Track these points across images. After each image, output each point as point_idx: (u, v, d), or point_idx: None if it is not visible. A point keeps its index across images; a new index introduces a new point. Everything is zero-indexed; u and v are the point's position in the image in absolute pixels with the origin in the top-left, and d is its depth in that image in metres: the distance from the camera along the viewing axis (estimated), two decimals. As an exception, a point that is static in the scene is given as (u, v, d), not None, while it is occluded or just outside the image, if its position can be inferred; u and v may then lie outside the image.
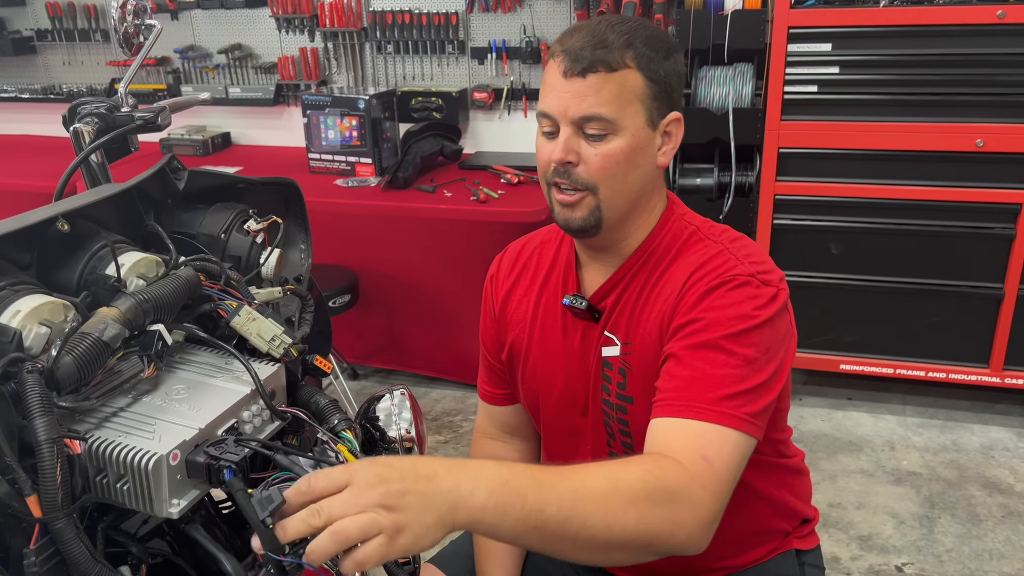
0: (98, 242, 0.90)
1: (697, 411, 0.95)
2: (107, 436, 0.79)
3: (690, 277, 1.05)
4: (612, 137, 1.02)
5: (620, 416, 1.13)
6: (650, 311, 1.09)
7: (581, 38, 1.02)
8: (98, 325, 0.81)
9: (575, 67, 1.00)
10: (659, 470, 0.87)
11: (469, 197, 2.83)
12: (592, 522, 0.81)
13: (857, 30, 2.48)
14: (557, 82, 1.03)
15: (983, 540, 2.30)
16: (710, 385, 0.96)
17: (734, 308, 1.00)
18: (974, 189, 2.54)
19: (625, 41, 1.01)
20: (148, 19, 1.41)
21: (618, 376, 1.12)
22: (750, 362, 0.98)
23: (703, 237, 1.10)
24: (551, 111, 1.04)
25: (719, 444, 0.93)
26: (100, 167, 1.27)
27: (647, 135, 1.05)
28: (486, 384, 1.33)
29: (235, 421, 0.86)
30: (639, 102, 1.02)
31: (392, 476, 0.72)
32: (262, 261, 1.04)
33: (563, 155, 1.03)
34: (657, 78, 1.03)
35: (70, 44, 3.77)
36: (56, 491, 0.71)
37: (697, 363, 0.98)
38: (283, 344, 0.94)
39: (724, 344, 0.98)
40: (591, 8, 3.04)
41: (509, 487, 0.78)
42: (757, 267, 1.04)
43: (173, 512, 0.79)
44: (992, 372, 2.70)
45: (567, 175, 1.04)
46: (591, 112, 1.01)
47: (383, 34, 3.34)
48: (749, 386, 0.97)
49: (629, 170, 1.04)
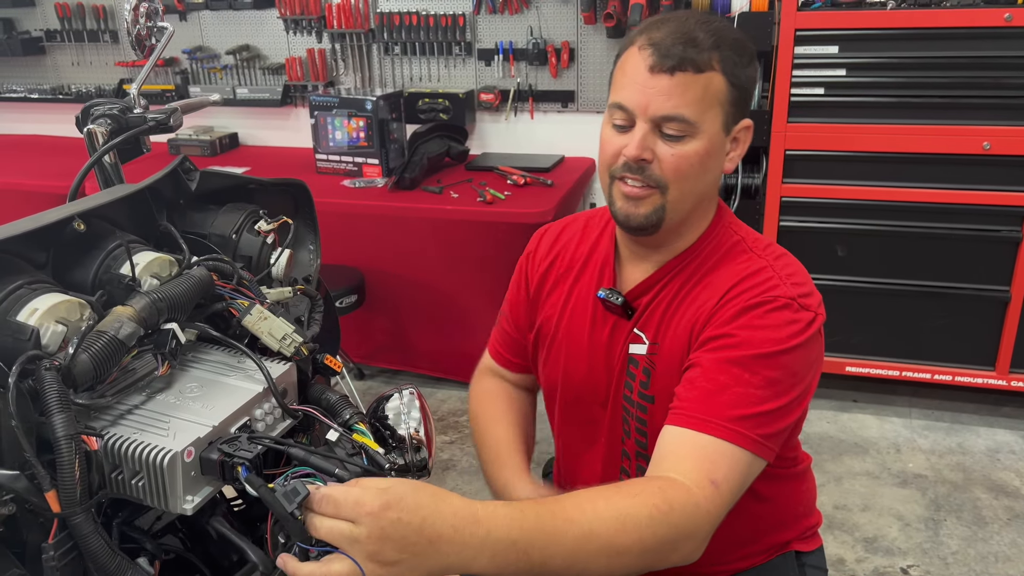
0: (113, 242, 0.91)
1: (713, 427, 0.94)
2: (122, 433, 0.81)
3: (730, 290, 1.04)
4: (689, 139, 1.00)
5: (639, 415, 1.12)
6: (683, 315, 1.08)
7: (670, 33, 0.99)
8: (113, 323, 0.82)
9: (664, 63, 0.98)
10: (666, 504, 0.86)
11: (475, 198, 2.83)
12: (596, 564, 0.83)
13: (864, 32, 2.48)
14: (641, 76, 0.99)
15: (989, 543, 2.30)
16: (729, 402, 0.96)
17: (770, 331, 0.99)
18: (980, 192, 2.54)
19: (714, 42, 0.99)
20: (160, 21, 1.43)
21: (642, 375, 1.11)
22: (773, 384, 0.97)
23: (747, 249, 1.09)
24: (630, 105, 1.01)
25: (728, 466, 0.93)
26: (113, 167, 1.28)
27: (721, 140, 1.04)
28: (501, 349, 1.33)
29: (248, 419, 0.87)
30: (719, 106, 1.01)
31: (395, 535, 0.71)
32: (272, 261, 1.05)
33: (639, 152, 1.00)
34: (739, 83, 1.02)
35: (79, 45, 3.78)
36: (75, 486, 0.72)
37: (721, 377, 0.97)
38: (294, 343, 0.95)
39: (751, 363, 0.97)
40: (598, 10, 3.05)
41: (516, 548, 0.78)
42: (798, 289, 1.03)
43: (187, 508, 0.80)
44: (998, 375, 2.70)
45: (639, 171, 1.02)
46: (674, 112, 0.99)
47: (390, 35, 3.35)
48: (768, 408, 0.96)
49: (701, 174, 1.03)
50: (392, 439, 1.00)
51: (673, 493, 0.88)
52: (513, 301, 1.30)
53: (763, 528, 1.21)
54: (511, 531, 0.77)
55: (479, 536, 0.76)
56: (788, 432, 1.02)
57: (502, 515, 0.78)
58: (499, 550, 0.76)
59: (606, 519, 0.83)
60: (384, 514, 0.71)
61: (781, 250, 1.11)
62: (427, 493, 0.75)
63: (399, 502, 0.72)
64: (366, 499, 0.72)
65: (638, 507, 0.85)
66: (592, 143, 3.84)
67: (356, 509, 0.71)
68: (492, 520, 0.77)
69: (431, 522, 0.73)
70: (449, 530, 0.74)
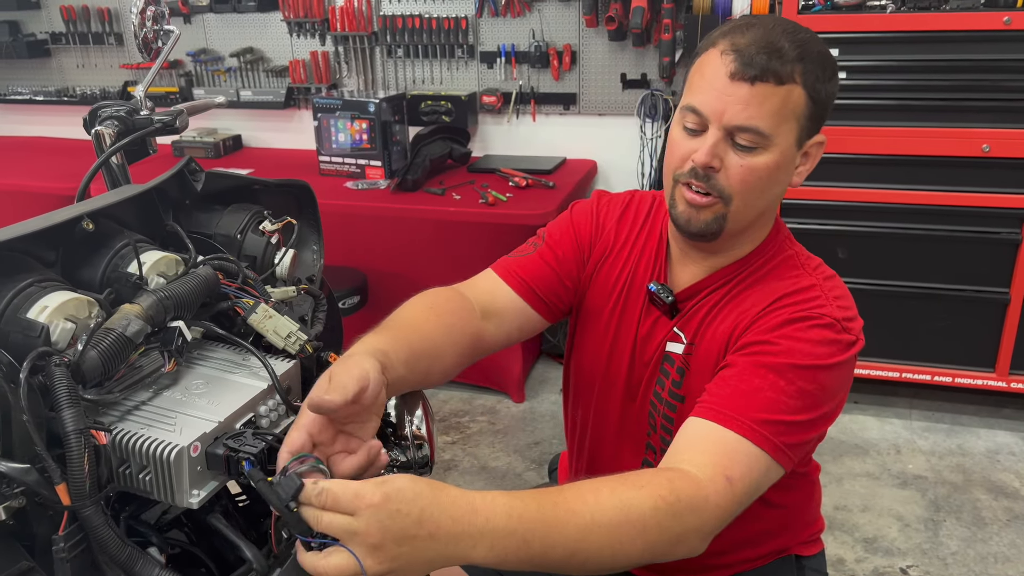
0: (121, 241, 0.93)
1: (738, 424, 0.93)
2: (130, 428, 0.82)
3: (777, 301, 1.03)
4: (761, 152, 0.98)
5: (667, 413, 1.12)
6: (724, 319, 1.07)
7: (755, 40, 0.96)
8: (121, 321, 0.83)
9: (746, 72, 0.95)
10: (673, 496, 0.85)
11: (477, 200, 2.85)
12: (598, 556, 0.82)
13: (864, 36, 2.50)
14: (720, 81, 0.97)
15: (988, 544, 2.30)
16: (760, 405, 0.95)
17: (810, 345, 0.98)
18: (980, 194, 2.55)
19: (798, 54, 0.96)
20: (166, 24, 1.44)
21: (676, 374, 1.11)
22: (805, 396, 0.96)
23: (799, 265, 1.08)
24: (705, 110, 0.98)
25: (747, 465, 0.92)
26: (120, 168, 1.30)
27: (792, 154, 1.01)
28: (521, 273, 1.17)
29: (252, 415, 0.88)
30: (795, 120, 0.98)
31: (394, 528, 0.72)
32: (277, 261, 1.06)
33: (708, 159, 0.98)
34: (818, 98, 0.99)
35: (84, 47, 3.81)
36: (84, 479, 0.74)
37: (755, 380, 0.96)
38: (298, 341, 0.97)
39: (787, 372, 0.97)
40: (600, 13, 3.07)
41: (515, 537, 0.77)
42: (844, 312, 1.02)
43: (193, 502, 0.81)
44: (998, 376, 2.71)
45: (706, 179, 1.00)
46: (749, 123, 0.96)
47: (393, 38, 3.37)
48: (796, 419, 0.96)
49: (767, 187, 1.01)
50: (394, 436, 1.02)
51: (682, 485, 0.86)
52: (560, 240, 1.20)
53: (768, 533, 1.21)
54: (510, 520, 0.77)
55: (477, 526, 0.75)
56: (810, 447, 1.02)
57: (501, 504, 0.78)
58: (498, 539, 0.76)
59: (608, 509, 0.82)
60: (383, 506, 0.71)
61: (830, 271, 1.10)
62: (425, 484, 0.75)
63: (397, 494, 0.72)
64: (365, 492, 0.72)
65: (643, 498, 0.84)
66: (594, 145, 3.85)
67: (355, 502, 0.71)
68: (490, 509, 0.77)
69: (429, 513, 0.73)
70: (448, 521, 0.74)
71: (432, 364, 1.02)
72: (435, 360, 1.03)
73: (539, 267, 1.18)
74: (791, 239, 1.13)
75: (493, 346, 1.15)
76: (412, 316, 1.06)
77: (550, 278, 1.18)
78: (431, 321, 1.05)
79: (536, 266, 1.18)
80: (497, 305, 1.15)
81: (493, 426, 2.93)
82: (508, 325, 1.16)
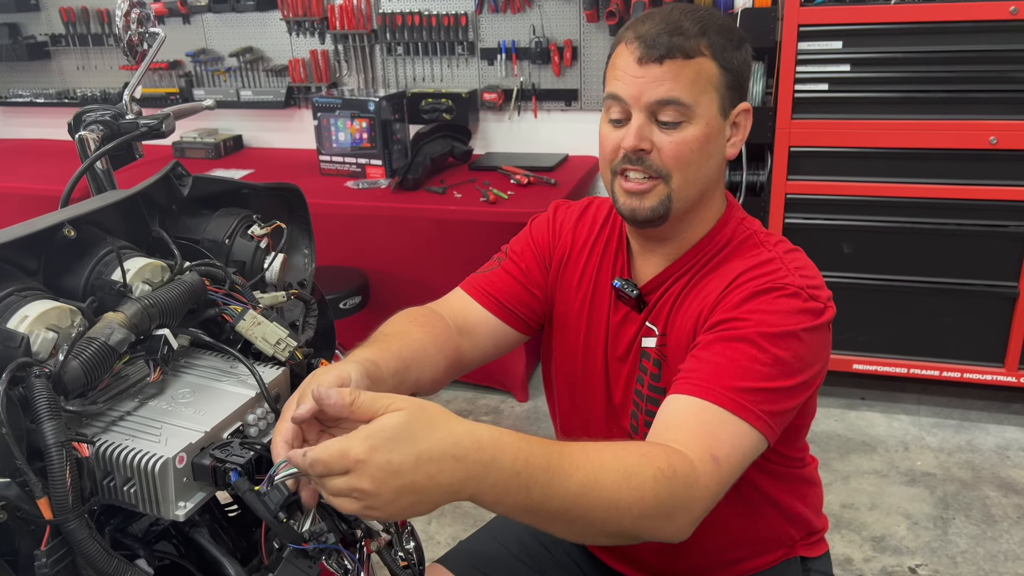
0: (104, 248, 0.91)
1: (716, 395, 0.93)
2: (114, 439, 0.80)
3: (738, 277, 1.03)
4: (686, 125, 1.00)
5: (650, 408, 1.11)
6: (690, 304, 1.07)
7: (655, 25, 1.00)
8: (104, 330, 0.81)
9: (651, 53, 0.99)
10: (670, 469, 0.84)
11: (479, 198, 2.83)
12: (591, 515, 0.80)
13: (868, 27, 2.47)
14: (631, 68, 1.00)
15: (998, 541, 2.27)
16: (735, 374, 0.94)
17: (779, 315, 0.98)
18: (987, 187, 2.51)
19: (700, 29, 1.00)
20: (152, 27, 1.42)
21: (653, 367, 1.11)
22: (780, 363, 0.96)
23: (758, 243, 1.09)
24: (624, 95, 1.01)
25: (731, 442, 0.91)
26: (105, 174, 1.28)
27: (719, 124, 1.04)
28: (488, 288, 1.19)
29: (240, 424, 0.87)
30: (714, 90, 1.01)
31: (389, 478, 0.69)
32: (266, 266, 1.04)
33: (636, 142, 1.00)
34: (731, 67, 1.02)
35: (84, 49, 3.80)
36: (66, 493, 0.72)
37: (728, 352, 0.96)
38: (288, 347, 0.95)
39: (759, 341, 0.96)
40: (600, 8, 3.04)
41: (519, 479, 0.75)
42: (808, 281, 1.02)
43: (180, 514, 0.79)
44: (1007, 372, 2.67)
45: (639, 162, 1.02)
46: (668, 96, 0.99)
47: (393, 36, 3.35)
48: (774, 386, 0.95)
49: (702, 159, 1.03)
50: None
51: (677, 460, 0.86)
52: (522, 253, 1.23)
53: (771, 525, 1.20)
54: (516, 461, 0.75)
55: (483, 462, 0.73)
56: (790, 417, 1.00)
57: (508, 443, 0.76)
58: (502, 478, 0.74)
59: (611, 471, 0.80)
60: (373, 457, 0.69)
61: (791, 246, 1.10)
62: (422, 424, 0.72)
63: (387, 443, 0.70)
64: (350, 447, 0.69)
65: (644, 466, 0.83)
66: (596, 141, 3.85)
67: (343, 461, 0.69)
68: (497, 447, 0.75)
69: (428, 455, 0.71)
70: (450, 460, 0.72)
71: (423, 372, 1.02)
72: (425, 368, 1.03)
73: (505, 281, 1.20)
74: (749, 219, 1.13)
75: (471, 363, 1.16)
76: (397, 328, 1.07)
77: (517, 290, 1.20)
78: (415, 331, 1.06)
79: (502, 280, 1.20)
80: (470, 322, 1.17)
81: (497, 425, 2.91)
82: (483, 342, 1.17)
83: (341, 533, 0.85)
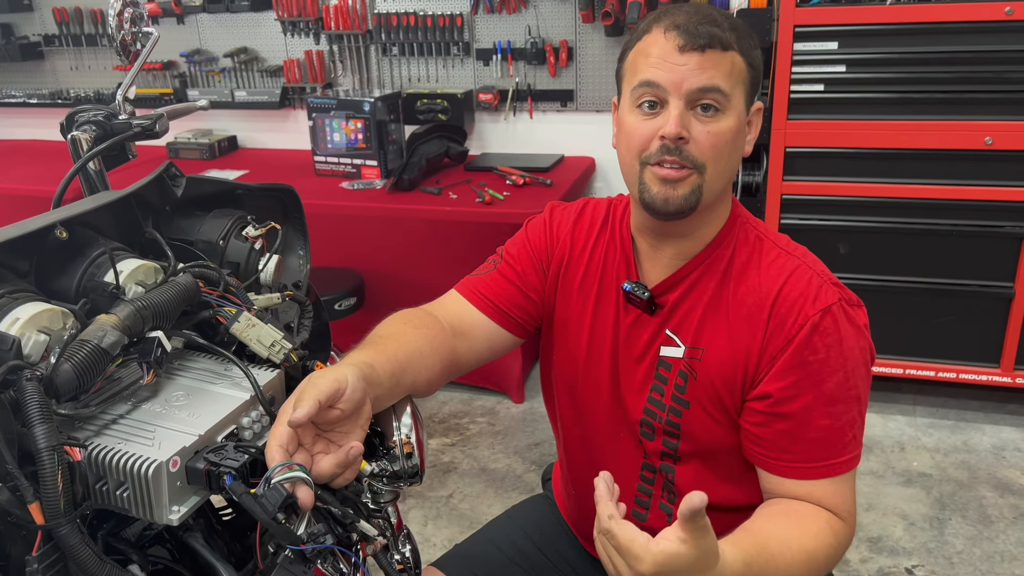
0: (96, 249, 0.90)
1: (835, 468, 1.02)
2: (107, 443, 0.79)
3: (778, 297, 1.03)
4: (722, 115, 1.00)
5: (672, 418, 1.11)
6: (722, 322, 1.06)
7: (692, 15, 1.00)
8: (97, 332, 0.81)
9: (694, 41, 0.98)
10: (836, 541, 0.99)
11: (474, 199, 2.82)
12: None
13: (864, 28, 2.47)
14: (671, 56, 0.99)
15: (994, 542, 2.28)
16: (838, 439, 1.02)
17: (841, 356, 1.02)
18: (983, 187, 2.52)
19: (731, 24, 1.01)
20: (145, 27, 1.41)
21: (678, 379, 1.09)
22: (859, 400, 1.04)
23: (773, 246, 1.09)
24: (663, 82, 0.99)
25: (852, 491, 1.04)
26: (98, 175, 1.27)
27: (744, 120, 1.05)
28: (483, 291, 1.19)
29: (235, 427, 0.86)
30: (742, 85, 1.02)
31: None
32: (261, 267, 1.04)
33: (678, 129, 0.98)
34: (754, 64, 1.04)
35: (77, 49, 3.79)
36: (58, 498, 0.71)
37: (817, 421, 1.01)
38: (283, 349, 0.94)
39: (836, 392, 1.01)
40: (596, 8, 3.03)
41: None
42: (837, 288, 1.06)
43: (173, 519, 0.79)
44: (1003, 372, 2.68)
45: (677, 152, 1.00)
46: (711, 83, 0.98)
47: (388, 36, 3.35)
48: (862, 420, 1.05)
49: (732, 152, 1.03)
50: (382, 446, 0.99)
51: (839, 528, 1.00)
52: (518, 256, 1.22)
53: None
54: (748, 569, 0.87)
55: None
56: None
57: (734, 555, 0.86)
58: None
59: (799, 564, 0.94)
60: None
61: (797, 244, 1.12)
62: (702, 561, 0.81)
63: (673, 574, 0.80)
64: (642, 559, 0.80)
65: (822, 548, 0.97)
66: (592, 142, 3.80)
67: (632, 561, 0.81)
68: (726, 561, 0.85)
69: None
70: None
71: (418, 374, 1.02)
72: (421, 370, 1.03)
73: (500, 284, 1.19)
74: (751, 217, 1.14)
75: (466, 366, 1.16)
76: (393, 330, 1.07)
77: (512, 293, 1.19)
78: (411, 333, 1.06)
79: (497, 283, 1.19)
80: (464, 325, 1.16)
81: (493, 427, 2.90)
82: (478, 344, 1.17)
83: (337, 536, 0.84)
